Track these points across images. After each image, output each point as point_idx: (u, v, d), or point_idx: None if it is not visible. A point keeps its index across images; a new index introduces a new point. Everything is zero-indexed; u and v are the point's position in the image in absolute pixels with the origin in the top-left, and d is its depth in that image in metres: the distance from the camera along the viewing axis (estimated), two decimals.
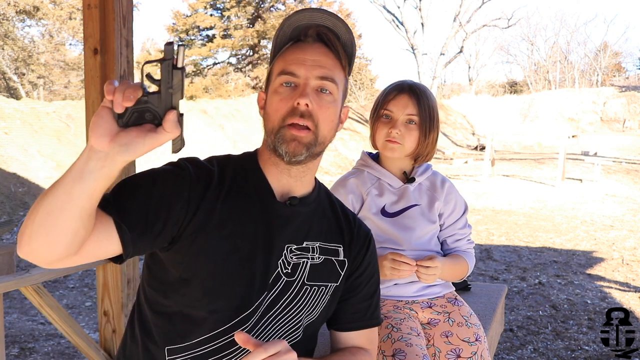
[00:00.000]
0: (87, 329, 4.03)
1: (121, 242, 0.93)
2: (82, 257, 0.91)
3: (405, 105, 1.59)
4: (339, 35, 1.07)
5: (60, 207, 0.82)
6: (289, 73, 1.04)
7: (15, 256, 2.52)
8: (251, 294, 1.04)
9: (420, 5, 25.92)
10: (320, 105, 1.03)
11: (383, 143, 1.62)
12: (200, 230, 1.01)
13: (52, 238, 0.84)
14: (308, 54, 1.05)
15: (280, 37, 1.09)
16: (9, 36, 17.76)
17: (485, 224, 7.91)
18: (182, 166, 1.04)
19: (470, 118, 26.73)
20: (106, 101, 0.79)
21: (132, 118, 0.80)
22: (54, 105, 12.34)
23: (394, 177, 1.67)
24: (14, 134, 10.14)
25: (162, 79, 0.80)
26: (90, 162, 0.80)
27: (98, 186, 0.82)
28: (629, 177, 12.77)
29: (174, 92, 0.80)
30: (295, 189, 1.11)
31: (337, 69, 1.07)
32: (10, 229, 7.09)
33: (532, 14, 62.08)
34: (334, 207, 1.19)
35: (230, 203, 1.04)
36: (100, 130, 0.79)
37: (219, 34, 25.00)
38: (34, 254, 0.87)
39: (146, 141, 0.79)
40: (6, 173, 9.00)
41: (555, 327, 3.92)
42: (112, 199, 0.95)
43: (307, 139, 1.02)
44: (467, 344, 1.59)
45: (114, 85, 0.78)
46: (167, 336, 1.05)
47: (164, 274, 1.05)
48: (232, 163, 1.11)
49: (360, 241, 1.19)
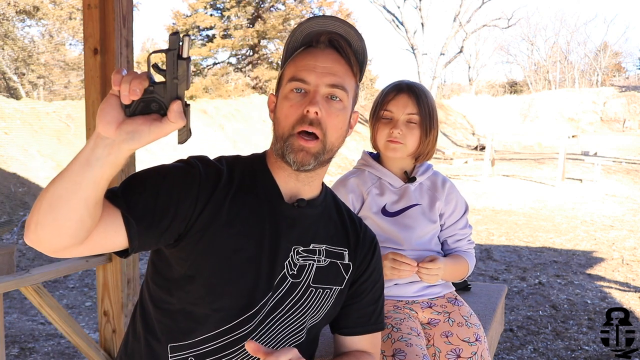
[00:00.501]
0: (87, 329, 4.03)
1: (127, 235, 0.94)
2: (88, 248, 0.92)
3: (405, 104, 1.59)
4: (351, 43, 1.07)
5: (67, 194, 0.83)
6: (300, 79, 1.04)
7: (15, 256, 2.52)
8: (256, 294, 1.04)
9: (420, 5, 25.94)
10: (330, 113, 1.04)
11: (385, 144, 1.62)
12: (207, 228, 1.01)
13: (58, 225, 0.85)
14: (319, 61, 1.05)
15: (292, 43, 1.09)
16: (9, 36, 17.76)
17: (485, 224, 7.91)
18: (191, 164, 1.04)
19: (470, 118, 26.73)
20: (114, 89, 0.80)
21: (138, 107, 0.81)
22: (54, 105, 12.34)
23: (394, 176, 1.67)
24: (14, 134, 10.14)
25: (167, 69, 0.80)
26: (97, 149, 0.82)
27: (104, 173, 0.83)
28: (629, 177, 12.77)
29: (179, 82, 0.81)
30: (303, 192, 1.11)
31: (347, 76, 1.07)
32: (10, 229, 7.09)
33: (532, 14, 62.14)
34: (340, 211, 1.20)
35: (238, 202, 1.05)
36: (108, 118, 0.80)
37: (219, 34, 25.00)
38: (40, 241, 0.88)
39: (152, 130, 0.81)
40: (6, 173, 9.00)
41: (555, 327, 3.92)
42: (121, 192, 0.96)
43: (315, 148, 1.03)
44: (467, 344, 1.59)
45: (121, 74, 0.79)
46: (170, 333, 1.05)
47: (169, 270, 1.05)
48: (240, 164, 1.11)
49: (366, 246, 1.19)
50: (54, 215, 0.84)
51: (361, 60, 1.09)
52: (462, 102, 28.53)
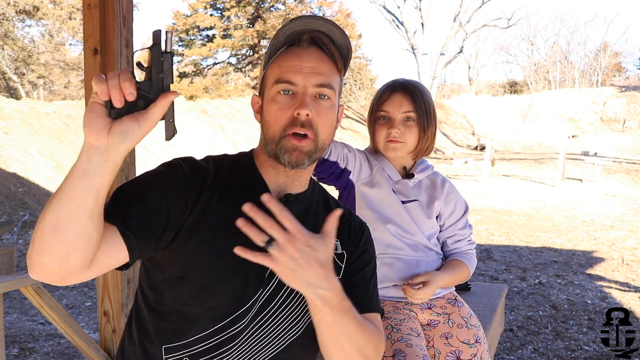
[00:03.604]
0: (87, 329, 4.03)
1: (127, 248, 0.94)
2: (95, 270, 0.91)
3: (400, 103, 1.60)
4: (334, 39, 1.07)
5: (71, 213, 0.82)
6: (287, 81, 1.05)
7: (15, 256, 2.52)
8: (247, 291, 1.05)
9: (420, 5, 25.94)
10: (320, 112, 1.05)
11: (384, 144, 1.62)
12: (195, 228, 1.02)
13: (66, 247, 0.83)
14: (304, 61, 1.05)
15: (275, 44, 1.09)
16: (9, 36, 17.77)
17: (485, 224, 7.91)
18: (175, 166, 1.04)
19: (470, 118, 26.74)
20: (95, 96, 0.80)
21: (124, 107, 0.81)
22: (54, 105, 12.35)
23: (394, 170, 1.68)
24: (14, 134, 10.15)
25: (153, 64, 0.81)
26: (92, 159, 0.81)
27: (104, 181, 0.83)
28: (629, 177, 12.77)
29: (165, 76, 0.82)
30: (291, 188, 1.12)
31: (333, 73, 1.07)
32: (10, 229, 7.09)
33: (532, 14, 62.19)
34: (328, 205, 1.20)
35: (225, 201, 1.05)
36: (98, 126, 0.80)
37: (219, 34, 25.01)
38: (48, 270, 0.86)
39: (142, 124, 0.81)
40: (6, 173, 9.00)
41: (555, 327, 3.92)
42: (112, 209, 0.96)
43: (308, 147, 1.04)
44: (467, 345, 1.59)
45: (104, 81, 0.79)
46: (164, 334, 1.05)
47: (160, 272, 1.05)
48: (228, 162, 1.12)
49: (356, 231, 1.20)
50: (60, 237, 0.83)
51: (345, 55, 1.09)
52: (462, 102, 28.54)
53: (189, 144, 13.44)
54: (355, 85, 28.50)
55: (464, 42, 28.29)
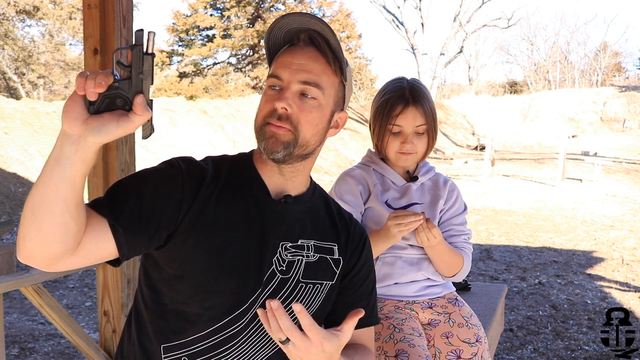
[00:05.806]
0: (87, 329, 4.03)
1: (116, 242, 0.94)
2: (81, 258, 0.92)
3: (414, 117, 1.61)
4: (329, 40, 1.08)
5: (46, 199, 0.83)
6: (275, 76, 1.06)
7: (15, 256, 2.53)
8: (245, 291, 1.05)
9: (420, 5, 25.93)
10: (302, 109, 1.04)
11: (396, 155, 1.64)
12: (193, 228, 1.02)
13: (44, 233, 0.85)
14: (295, 58, 1.06)
15: (273, 41, 1.09)
16: (9, 36, 17.78)
17: (485, 224, 7.92)
18: (174, 165, 1.05)
19: (470, 118, 26.74)
20: (77, 89, 0.81)
21: (103, 104, 0.81)
22: (54, 105, 12.35)
23: (397, 175, 1.69)
24: (14, 134, 10.15)
25: (133, 65, 0.82)
26: (64, 147, 0.82)
27: (77, 172, 0.83)
28: (629, 177, 12.77)
29: (145, 77, 0.82)
30: (289, 189, 1.12)
31: (325, 74, 1.07)
32: (10, 228, 7.09)
33: (532, 14, 62.21)
34: (329, 207, 1.20)
35: (224, 200, 1.05)
36: (73, 114, 0.81)
37: (219, 34, 25.01)
38: (32, 255, 0.88)
39: (120, 125, 0.82)
40: (6, 173, 9.01)
41: (555, 327, 3.92)
42: (105, 201, 0.97)
43: (285, 137, 1.04)
44: (468, 345, 1.59)
45: (85, 74, 0.80)
46: (162, 334, 1.05)
47: (159, 272, 1.05)
48: (227, 162, 1.12)
49: (356, 240, 1.20)
50: (37, 224, 0.84)
51: (339, 57, 1.09)
52: (462, 102, 28.54)
53: (189, 144, 13.44)
54: (355, 85, 28.50)
55: (464, 42, 28.28)
